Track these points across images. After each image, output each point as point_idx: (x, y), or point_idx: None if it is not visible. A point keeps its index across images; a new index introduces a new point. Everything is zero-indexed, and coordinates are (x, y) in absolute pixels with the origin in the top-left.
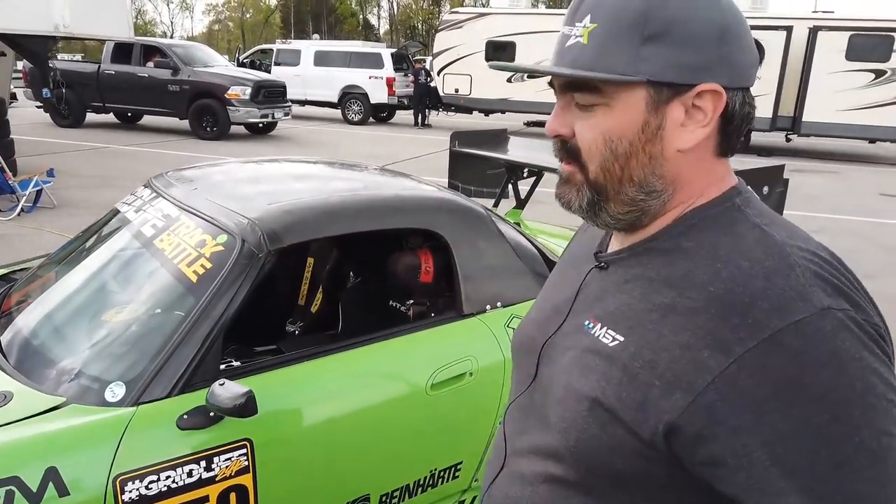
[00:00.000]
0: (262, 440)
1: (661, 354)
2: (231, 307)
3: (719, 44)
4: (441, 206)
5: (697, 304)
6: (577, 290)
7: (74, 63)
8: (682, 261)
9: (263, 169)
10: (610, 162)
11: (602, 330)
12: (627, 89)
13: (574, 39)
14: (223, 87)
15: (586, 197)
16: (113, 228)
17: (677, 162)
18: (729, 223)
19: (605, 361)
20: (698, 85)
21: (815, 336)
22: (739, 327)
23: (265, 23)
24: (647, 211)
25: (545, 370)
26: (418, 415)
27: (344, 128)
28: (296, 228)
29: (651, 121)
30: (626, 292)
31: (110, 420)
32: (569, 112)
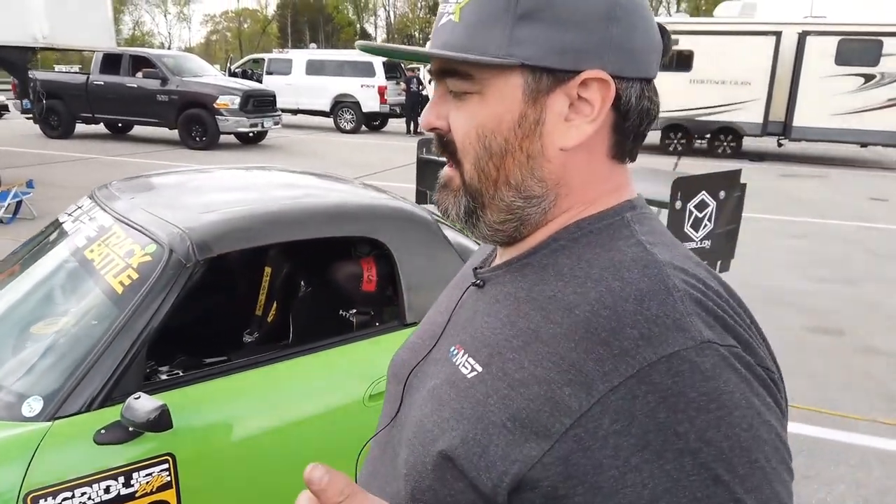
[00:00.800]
0: (186, 455)
1: (517, 390)
2: (156, 318)
3: (607, 23)
4: (384, 214)
5: (561, 330)
6: (452, 310)
7: (63, 74)
8: (554, 279)
9: (213, 179)
10: (484, 160)
11: (464, 358)
12: (501, 76)
13: (447, 17)
14: (212, 96)
15: (462, 203)
16: (50, 240)
17: (561, 163)
18: (610, 239)
19: (459, 396)
20: (582, 72)
21: (692, 374)
22: (604, 359)
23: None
24: (526, 220)
25: (407, 402)
26: (354, 427)
27: (336, 136)
28: (227, 237)
29: (529, 113)
30: (493, 313)
31: (24, 435)
32: (445, 102)
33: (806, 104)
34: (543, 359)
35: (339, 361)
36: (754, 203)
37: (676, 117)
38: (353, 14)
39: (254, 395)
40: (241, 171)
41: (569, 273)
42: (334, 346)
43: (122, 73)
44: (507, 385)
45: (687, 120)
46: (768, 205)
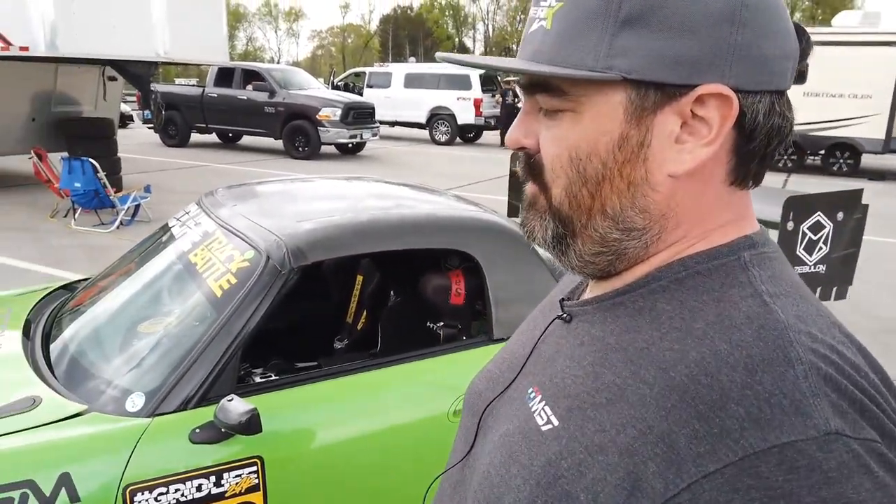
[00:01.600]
0: (274, 458)
1: (595, 457)
2: (251, 323)
3: (730, 27)
4: (475, 227)
5: (652, 393)
6: (534, 343)
7: (182, 87)
8: (649, 327)
9: (309, 188)
10: (577, 186)
11: (541, 405)
12: (600, 92)
13: (538, 23)
14: (315, 108)
15: (550, 228)
16: (160, 243)
17: (669, 191)
18: (723, 284)
19: (531, 451)
20: (698, 86)
21: (811, 473)
22: (699, 437)
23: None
24: (623, 254)
25: (480, 442)
26: (438, 441)
27: (431, 148)
28: (321, 246)
29: (632, 134)
30: (577, 358)
31: (126, 430)
32: (535, 119)
33: None
34: (628, 424)
35: (425, 374)
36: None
37: None
38: (452, 28)
39: (341, 402)
40: (336, 181)
41: (667, 322)
42: (421, 358)
43: (234, 86)
44: (583, 449)
45: (799, 134)
46: (889, 227)
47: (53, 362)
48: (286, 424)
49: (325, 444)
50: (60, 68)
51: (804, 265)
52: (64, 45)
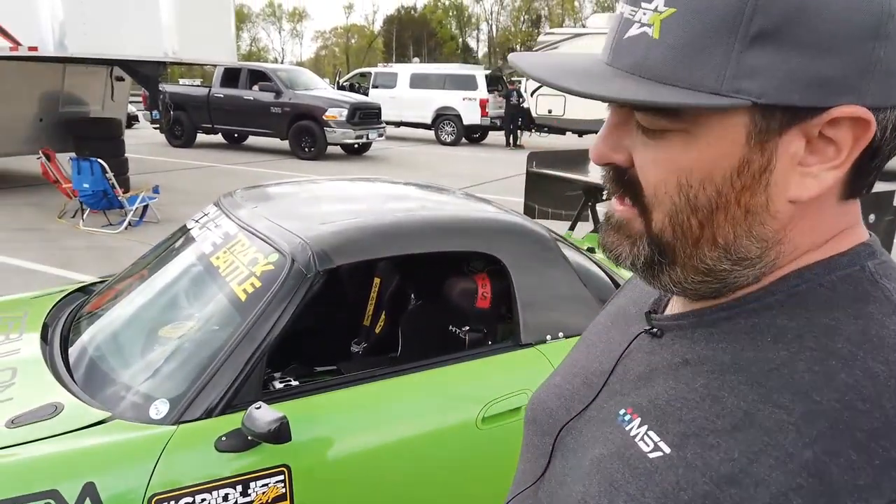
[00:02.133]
0: (300, 467)
1: (725, 490)
2: (277, 327)
3: (873, 42)
4: (501, 228)
5: (790, 419)
6: (616, 359)
7: (188, 87)
8: (773, 347)
9: (327, 189)
10: (684, 215)
11: (641, 429)
12: (720, 113)
13: (639, 29)
14: (321, 108)
15: (644, 254)
16: (179, 245)
17: (788, 217)
18: (855, 299)
19: (638, 480)
20: (833, 108)
21: None
22: (857, 468)
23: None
24: (734, 283)
25: (559, 464)
26: (467, 449)
27: (437, 148)
28: (346, 249)
29: (753, 159)
30: (684, 380)
31: (151, 438)
32: (626, 132)
33: None
34: (762, 452)
35: (453, 379)
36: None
37: None
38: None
39: (367, 409)
40: (352, 181)
41: (796, 341)
42: (447, 363)
43: (240, 87)
44: (708, 480)
45: None
46: None
47: (73, 367)
48: (313, 432)
49: (353, 453)
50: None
51: None
52: (73, 45)
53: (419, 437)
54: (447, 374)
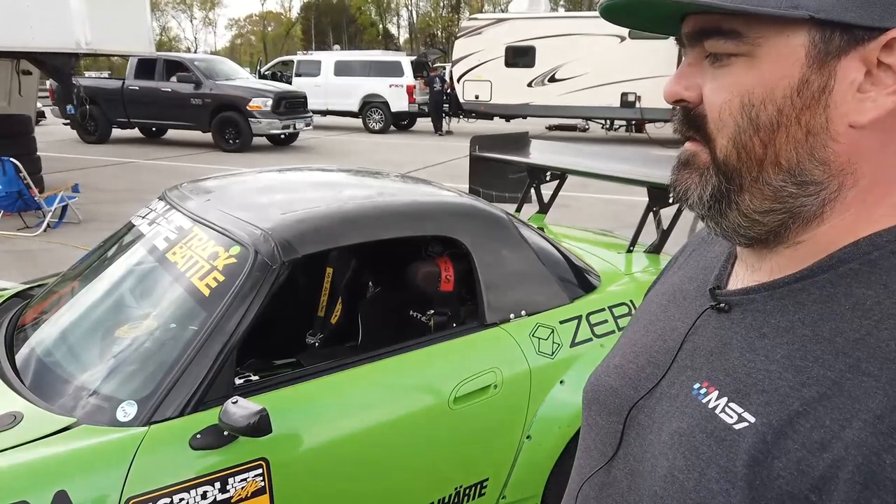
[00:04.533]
0: (279, 460)
1: (818, 455)
2: (245, 321)
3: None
4: (461, 211)
5: (879, 384)
6: (683, 336)
7: (99, 80)
8: (853, 316)
9: (279, 178)
10: (748, 135)
11: (721, 400)
12: (781, 33)
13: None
14: (245, 99)
15: (711, 184)
16: (127, 242)
17: (850, 143)
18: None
19: (727, 451)
20: (889, 30)
21: None
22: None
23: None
24: (799, 213)
25: (635, 443)
26: (441, 430)
27: (365, 136)
28: (310, 238)
29: (813, 79)
30: (763, 352)
31: (121, 441)
32: (698, 70)
33: None
34: (853, 417)
35: (421, 363)
36: None
37: None
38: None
39: (340, 397)
40: (302, 170)
41: (876, 309)
42: (414, 348)
43: (156, 78)
44: (800, 446)
45: None
46: None
47: (23, 374)
48: (288, 424)
49: (330, 441)
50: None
51: None
52: None
53: (393, 421)
54: (416, 357)
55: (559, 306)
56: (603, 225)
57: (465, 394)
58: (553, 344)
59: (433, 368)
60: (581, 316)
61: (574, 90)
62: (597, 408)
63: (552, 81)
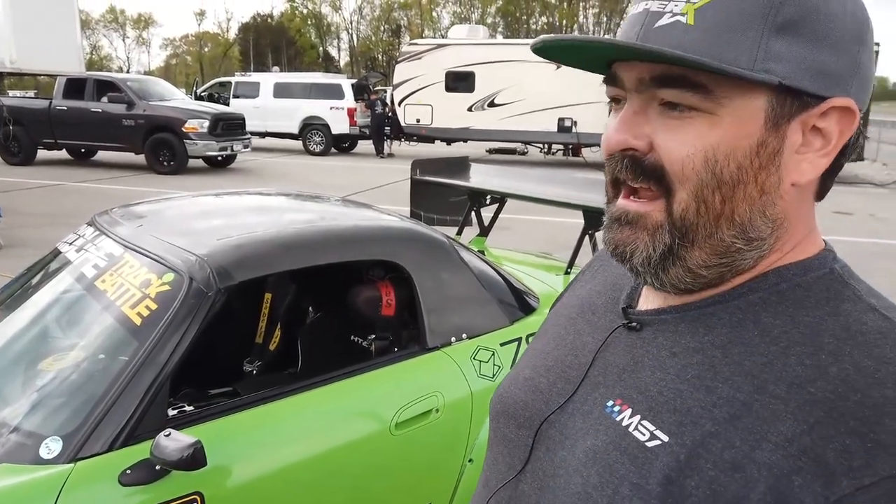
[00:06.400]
0: (214, 493)
1: (729, 475)
2: (178, 350)
3: (859, 46)
4: (401, 236)
5: (787, 408)
6: (594, 352)
7: (24, 99)
8: (761, 342)
9: (215, 202)
10: (710, 189)
11: (634, 418)
12: (744, 95)
13: (671, 18)
14: (180, 120)
15: (662, 244)
16: (52, 270)
17: (790, 201)
18: (829, 298)
19: (640, 469)
20: (830, 99)
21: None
22: (851, 452)
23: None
24: (738, 267)
25: (545, 458)
26: (384, 456)
27: (305, 159)
28: (247, 264)
29: (769, 141)
30: (673, 370)
31: (45, 479)
32: (644, 118)
33: None
34: (762, 439)
35: (362, 389)
36: None
37: None
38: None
39: (278, 426)
40: (239, 194)
41: (783, 337)
42: (355, 373)
43: (86, 98)
44: (712, 466)
45: None
46: None
47: None
48: (223, 455)
49: (268, 473)
50: None
51: None
52: None
53: (334, 450)
54: (357, 383)
55: (500, 328)
56: (542, 247)
57: (406, 419)
58: (494, 366)
59: (374, 394)
60: (521, 338)
61: (513, 115)
62: (505, 420)
63: (491, 106)
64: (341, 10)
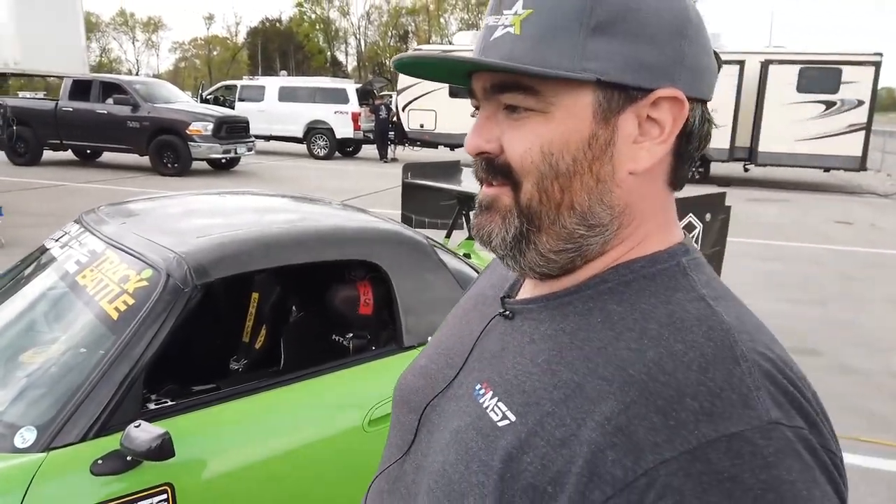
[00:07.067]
0: (185, 484)
1: (558, 451)
2: (154, 345)
3: (680, 39)
4: (379, 236)
5: (611, 389)
6: (475, 340)
7: (31, 100)
8: (602, 328)
9: (201, 202)
10: (549, 180)
11: (493, 401)
12: (571, 93)
13: (503, 30)
14: (184, 122)
15: (513, 227)
16: (38, 266)
17: (629, 188)
18: (668, 289)
19: (488, 446)
20: (656, 90)
21: (753, 458)
22: (657, 429)
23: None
24: (585, 251)
25: (425, 440)
26: (355, 454)
27: (309, 163)
28: (225, 262)
29: (600, 134)
30: (529, 356)
31: (17, 467)
32: (494, 122)
33: (771, 130)
34: (588, 417)
35: (337, 386)
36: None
37: None
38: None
39: (250, 422)
40: (228, 194)
41: (620, 323)
42: (331, 370)
43: (91, 100)
44: (545, 443)
45: None
46: (738, 228)
47: None
48: (195, 449)
49: (238, 466)
50: None
51: None
52: None
53: (307, 445)
54: (332, 381)
55: None
56: None
57: (380, 416)
58: None
59: (349, 391)
60: None
61: None
62: (400, 406)
63: None
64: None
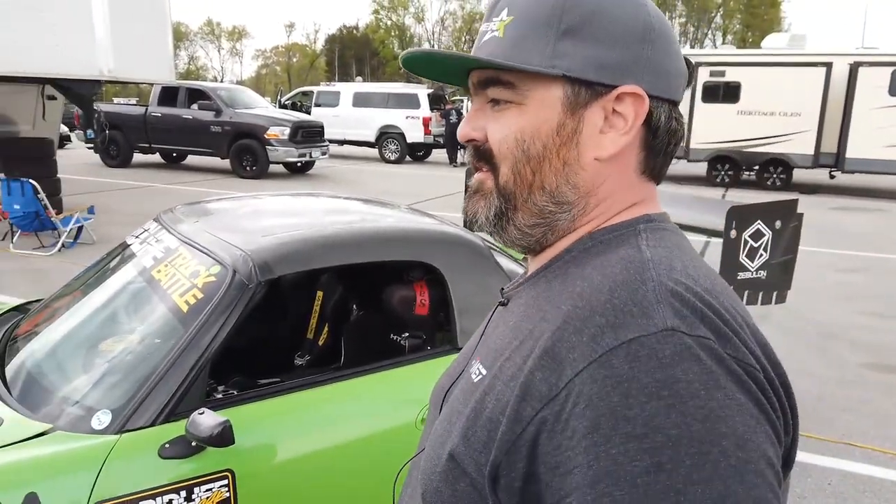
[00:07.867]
0: (245, 471)
1: (509, 385)
2: (219, 336)
3: (642, 43)
4: (436, 239)
5: (549, 325)
6: (483, 331)
7: (123, 106)
8: (562, 287)
9: (269, 203)
10: (521, 163)
11: (476, 366)
12: (543, 86)
13: (490, 34)
14: (263, 127)
15: (494, 206)
16: (118, 261)
17: (595, 172)
18: (616, 246)
19: (466, 400)
20: (619, 87)
21: (649, 360)
22: (574, 346)
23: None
24: (555, 226)
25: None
26: (407, 448)
27: (380, 167)
28: (287, 260)
29: (567, 123)
30: (505, 324)
31: (93, 447)
32: (483, 114)
33: (859, 136)
34: (530, 352)
35: (392, 384)
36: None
37: (724, 148)
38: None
39: (309, 414)
40: (295, 196)
41: (570, 280)
42: (387, 368)
43: (178, 105)
44: (502, 382)
45: (735, 151)
46: (821, 237)
47: (10, 384)
48: (256, 437)
49: (295, 456)
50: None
51: (746, 271)
52: (2, 63)
53: (361, 439)
54: (387, 378)
55: None
56: None
57: None
58: None
59: (404, 389)
60: None
61: None
62: (431, 405)
63: None
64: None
